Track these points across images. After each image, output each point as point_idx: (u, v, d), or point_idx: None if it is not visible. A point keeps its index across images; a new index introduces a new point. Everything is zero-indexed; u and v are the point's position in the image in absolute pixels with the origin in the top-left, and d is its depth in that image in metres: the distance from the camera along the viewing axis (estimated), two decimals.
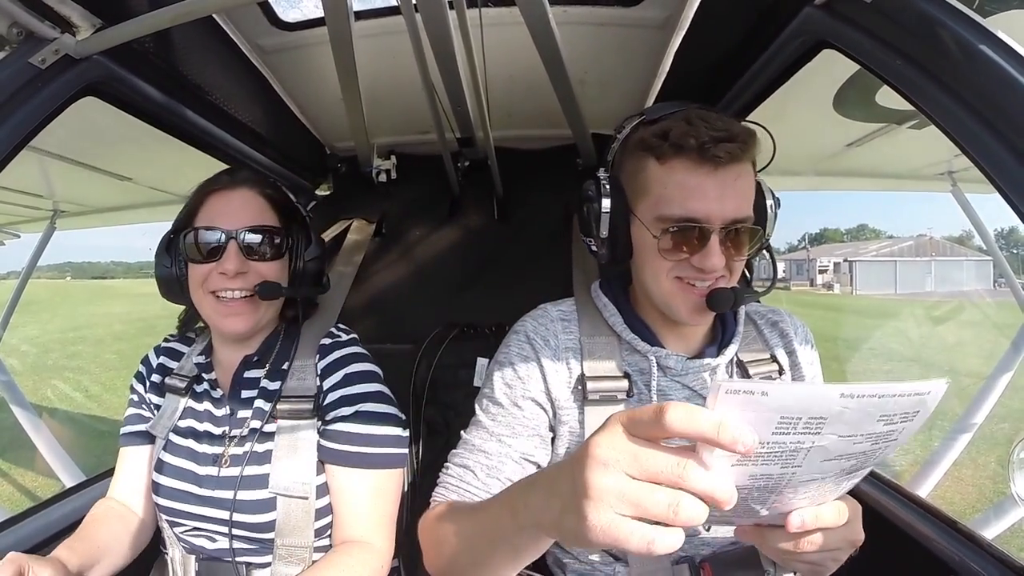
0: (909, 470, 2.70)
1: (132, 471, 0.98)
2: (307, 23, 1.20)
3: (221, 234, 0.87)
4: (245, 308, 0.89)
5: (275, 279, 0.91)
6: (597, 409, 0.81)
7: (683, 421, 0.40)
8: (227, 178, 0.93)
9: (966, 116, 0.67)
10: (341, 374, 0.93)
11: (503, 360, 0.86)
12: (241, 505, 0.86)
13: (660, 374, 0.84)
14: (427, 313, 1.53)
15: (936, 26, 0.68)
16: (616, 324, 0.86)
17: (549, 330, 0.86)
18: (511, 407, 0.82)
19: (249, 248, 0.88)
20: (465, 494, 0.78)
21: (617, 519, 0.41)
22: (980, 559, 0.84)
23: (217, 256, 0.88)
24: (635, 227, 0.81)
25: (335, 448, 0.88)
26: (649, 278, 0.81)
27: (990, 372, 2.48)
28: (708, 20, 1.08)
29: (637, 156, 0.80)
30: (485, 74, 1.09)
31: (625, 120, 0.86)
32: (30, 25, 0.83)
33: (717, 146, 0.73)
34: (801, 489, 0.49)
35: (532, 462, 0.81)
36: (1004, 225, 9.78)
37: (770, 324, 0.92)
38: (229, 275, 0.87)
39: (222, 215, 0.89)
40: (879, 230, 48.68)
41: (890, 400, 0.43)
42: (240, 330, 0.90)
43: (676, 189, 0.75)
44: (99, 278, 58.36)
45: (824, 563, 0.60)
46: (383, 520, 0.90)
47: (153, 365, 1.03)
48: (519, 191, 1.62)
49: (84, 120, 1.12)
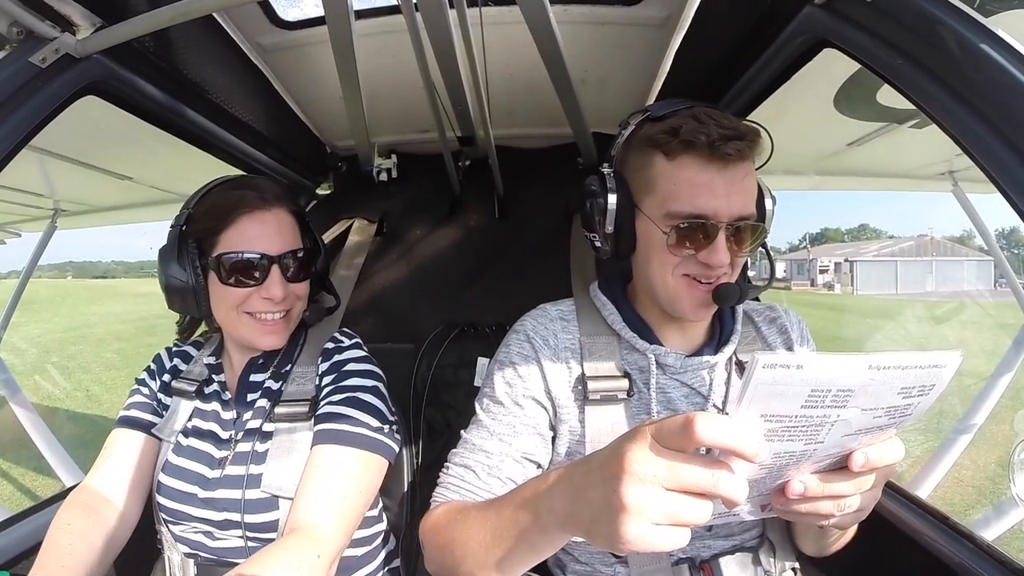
0: (909, 471, 2.70)
1: (122, 458, 0.94)
2: (307, 22, 1.20)
3: (265, 259, 0.87)
4: (282, 326, 0.92)
5: (305, 296, 0.95)
6: (598, 408, 0.81)
7: (711, 433, 0.42)
8: (256, 197, 0.89)
9: (967, 115, 0.67)
10: (338, 372, 0.94)
11: (503, 359, 0.86)
12: (243, 504, 0.86)
13: (659, 372, 0.83)
14: (428, 312, 1.53)
15: (937, 25, 0.68)
16: (615, 323, 0.86)
17: (549, 329, 0.86)
18: (512, 406, 0.82)
19: (290, 272, 0.90)
20: (466, 494, 0.78)
21: (652, 528, 0.44)
22: (980, 560, 0.84)
23: (258, 280, 0.88)
24: (640, 223, 0.81)
25: (318, 429, 0.88)
26: (654, 274, 0.81)
27: (991, 372, 2.49)
28: (708, 19, 1.08)
29: (644, 152, 0.80)
30: (486, 73, 1.08)
31: (630, 116, 0.86)
32: (30, 24, 0.83)
33: (727, 144, 0.73)
34: (814, 467, 0.51)
35: (533, 461, 0.81)
36: (1004, 225, 9.78)
37: (768, 321, 0.92)
38: (276, 300, 0.88)
39: (261, 238, 0.88)
40: (880, 230, 48.69)
41: (911, 372, 0.45)
42: (277, 346, 0.93)
43: (685, 186, 0.76)
44: (100, 277, 58.47)
45: (867, 507, 0.57)
46: (344, 510, 0.82)
47: (166, 366, 1.03)
48: (520, 190, 1.62)
49: (84, 119, 1.12)
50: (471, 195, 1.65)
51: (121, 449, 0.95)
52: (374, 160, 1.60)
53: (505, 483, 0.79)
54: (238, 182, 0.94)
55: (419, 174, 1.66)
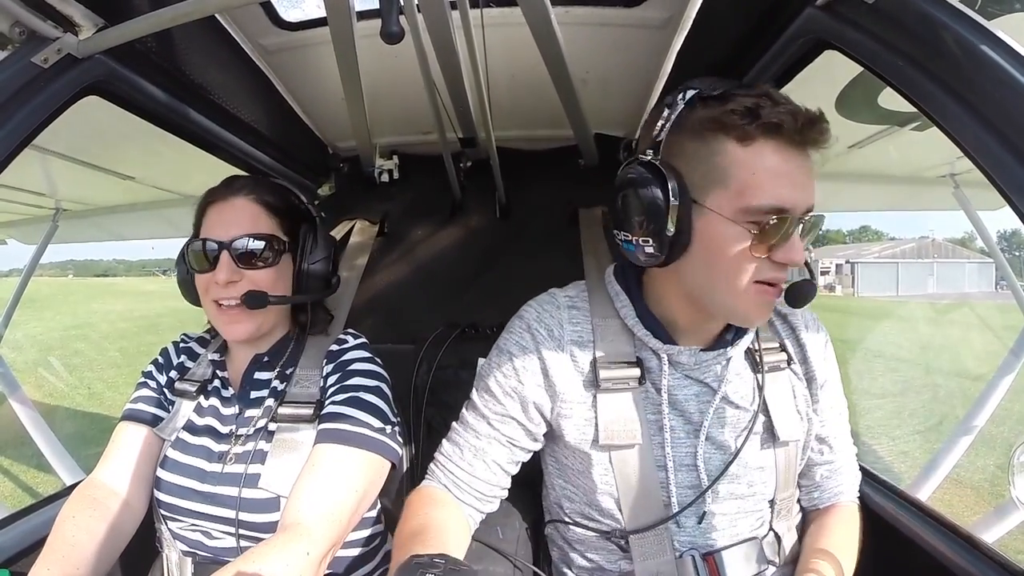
0: (909, 473, 2.70)
1: (127, 452, 0.94)
2: (309, 23, 1.20)
3: (215, 244, 0.90)
4: (243, 315, 0.91)
5: (269, 285, 0.92)
6: (610, 396, 0.80)
7: None
8: (224, 188, 0.95)
9: (969, 118, 0.67)
10: (342, 372, 0.94)
11: (502, 347, 0.85)
12: (244, 503, 0.86)
13: (671, 370, 0.81)
14: (428, 313, 1.53)
15: (938, 27, 0.68)
16: (627, 316, 0.82)
17: (555, 319, 0.83)
18: (502, 396, 0.83)
19: (241, 257, 0.90)
20: (451, 475, 0.84)
21: None
22: (980, 563, 0.84)
23: (212, 266, 0.90)
24: (702, 220, 0.71)
25: (319, 428, 0.88)
26: (721, 280, 0.71)
27: (992, 374, 2.48)
28: (710, 21, 1.08)
29: (707, 137, 0.70)
30: (487, 74, 1.08)
31: (674, 95, 0.74)
32: (32, 24, 0.83)
33: (814, 127, 0.67)
34: None
35: (519, 447, 0.84)
36: (1006, 227, 9.76)
37: (779, 316, 0.91)
38: (221, 284, 0.89)
39: (216, 225, 0.92)
40: (881, 231, 48.63)
41: None
42: (241, 336, 0.92)
43: (768, 176, 0.67)
44: (101, 276, 58.55)
45: None
46: (337, 508, 0.82)
47: (173, 362, 1.03)
48: (521, 191, 1.62)
49: (86, 119, 1.12)
50: (472, 196, 1.65)
51: (127, 443, 0.95)
52: (375, 161, 1.60)
53: (489, 465, 0.83)
54: (222, 180, 0.97)
55: (420, 175, 1.66)
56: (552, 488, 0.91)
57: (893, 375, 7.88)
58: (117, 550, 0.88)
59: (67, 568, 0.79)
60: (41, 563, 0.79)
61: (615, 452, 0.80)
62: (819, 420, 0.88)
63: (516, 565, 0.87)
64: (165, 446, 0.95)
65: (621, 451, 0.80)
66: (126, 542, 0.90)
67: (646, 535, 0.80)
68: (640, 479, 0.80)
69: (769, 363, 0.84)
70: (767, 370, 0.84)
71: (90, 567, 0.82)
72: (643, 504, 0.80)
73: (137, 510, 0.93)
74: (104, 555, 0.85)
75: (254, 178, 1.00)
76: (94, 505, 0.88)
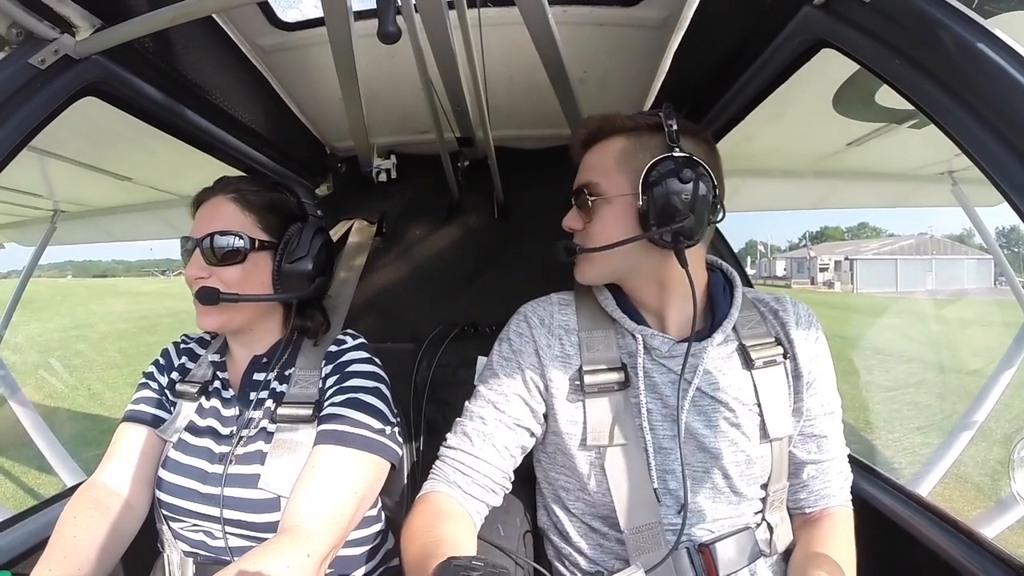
0: (909, 468, 2.71)
1: (128, 453, 0.94)
2: (306, 23, 1.20)
3: (189, 242, 0.93)
4: (211, 308, 0.91)
5: (236, 282, 0.91)
6: (597, 400, 0.85)
7: None
8: (210, 188, 0.97)
9: (966, 116, 0.67)
10: (341, 373, 0.94)
11: (503, 336, 0.93)
12: (245, 504, 0.87)
13: (646, 355, 0.86)
14: (427, 312, 1.54)
15: (935, 26, 0.68)
16: (608, 306, 0.90)
17: (547, 311, 0.92)
18: (504, 377, 0.88)
19: (210, 254, 0.91)
20: (461, 464, 0.85)
21: None
22: (980, 558, 0.84)
23: (187, 262, 0.93)
24: None
25: (319, 429, 0.88)
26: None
27: (991, 371, 2.48)
28: (707, 20, 1.08)
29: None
30: (484, 74, 1.08)
31: None
32: (29, 25, 0.83)
33: None
34: None
35: (525, 428, 0.87)
36: (1004, 223, 9.77)
37: (772, 312, 0.92)
38: (191, 279, 0.92)
39: (196, 223, 0.95)
40: (879, 228, 48.66)
41: None
42: (209, 327, 0.94)
43: None
44: (100, 276, 58.46)
45: None
46: (337, 510, 0.82)
47: (175, 363, 1.03)
48: (519, 190, 1.63)
49: (84, 120, 1.12)
50: (470, 196, 1.65)
51: (128, 444, 0.95)
52: (373, 161, 1.60)
53: (499, 450, 0.85)
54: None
55: (418, 175, 1.66)
56: (547, 485, 0.93)
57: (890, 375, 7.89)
58: (119, 551, 0.88)
59: (69, 569, 0.79)
60: (43, 564, 0.79)
61: (604, 451, 0.83)
62: (807, 418, 0.88)
63: (517, 562, 0.87)
64: (167, 447, 0.95)
65: (609, 449, 0.83)
66: (128, 543, 0.90)
67: (640, 529, 0.81)
68: (629, 475, 0.82)
69: (763, 358, 0.86)
70: (761, 365, 0.86)
71: (92, 568, 0.82)
72: (635, 499, 0.82)
73: (139, 511, 0.93)
74: (106, 556, 0.85)
75: (245, 177, 1.00)
76: (95, 506, 0.88)
